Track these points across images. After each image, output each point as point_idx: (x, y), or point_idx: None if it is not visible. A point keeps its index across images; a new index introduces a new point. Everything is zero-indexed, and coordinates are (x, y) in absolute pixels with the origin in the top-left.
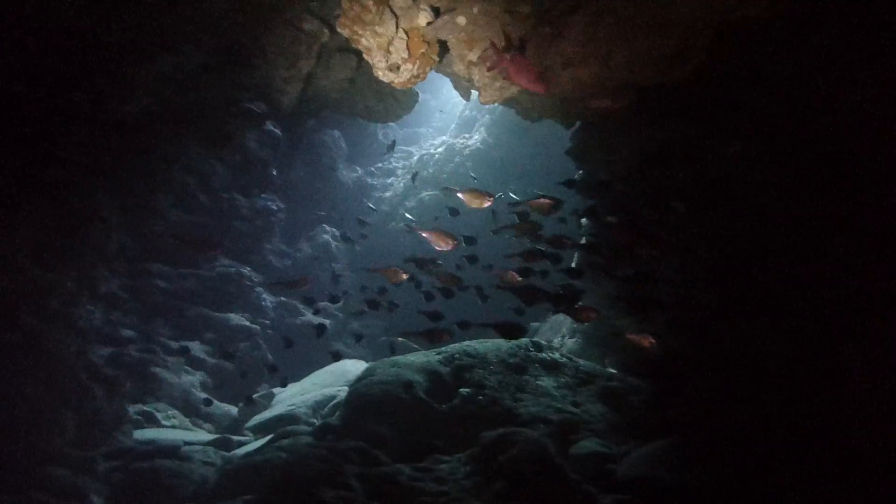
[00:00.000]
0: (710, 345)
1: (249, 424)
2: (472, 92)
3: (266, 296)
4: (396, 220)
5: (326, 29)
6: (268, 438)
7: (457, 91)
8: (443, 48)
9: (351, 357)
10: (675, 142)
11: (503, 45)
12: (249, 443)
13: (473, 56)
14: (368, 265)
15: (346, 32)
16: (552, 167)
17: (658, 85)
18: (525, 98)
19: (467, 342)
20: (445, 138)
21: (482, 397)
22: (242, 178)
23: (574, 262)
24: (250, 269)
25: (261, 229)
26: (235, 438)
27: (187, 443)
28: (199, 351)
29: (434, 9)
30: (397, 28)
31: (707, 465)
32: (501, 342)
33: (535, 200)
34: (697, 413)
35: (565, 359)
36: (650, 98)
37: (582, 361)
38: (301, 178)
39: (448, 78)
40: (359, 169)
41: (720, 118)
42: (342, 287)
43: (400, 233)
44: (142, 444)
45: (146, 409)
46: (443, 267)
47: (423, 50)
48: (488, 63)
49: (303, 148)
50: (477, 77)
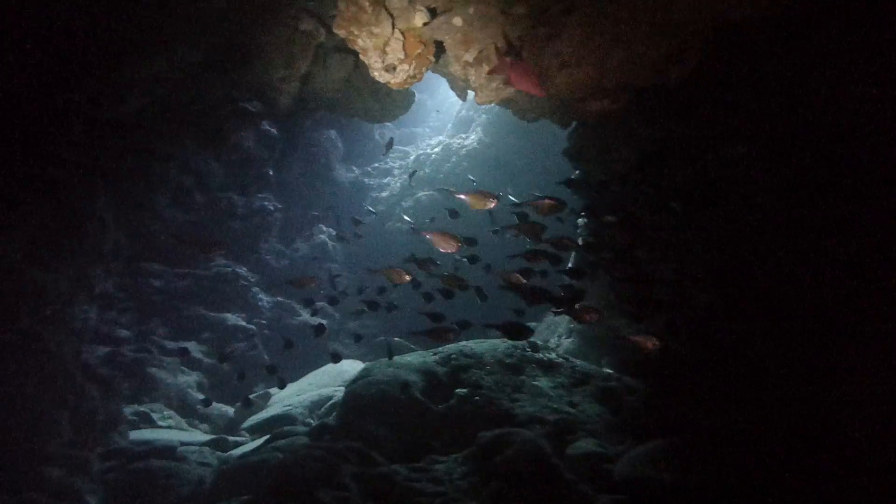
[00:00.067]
0: (708, 345)
1: (246, 425)
2: (469, 92)
3: (262, 296)
4: (393, 221)
5: (323, 29)
6: (264, 439)
7: (453, 91)
8: (439, 49)
9: (348, 357)
10: (673, 142)
11: (504, 50)
12: (246, 443)
13: (470, 57)
14: (365, 265)
15: (343, 33)
16: (549, 167)
17: (655, 86)
18: (521, 98)
19: (464, 342)
20: (442, 138)
21: (479, 398)
22: (239, 178)
23: (571, 263)
24: (247, 269)
25: (257, 229)
26: (232, 439)
27: (183, 443)
28: (196, 351)
29: (430, 10)
30: (393, 29)
31: (703, 466)
32: (498, 342)
33: (538, 201)
34: (694, 413)
35: (562, 359)
36: (647, 99)
37: (578, 362)
38: (298, 178)
39: (445, 78)
40: (355, 169)
41: (718, 119)
42: (339, 287)
43: (397, 233)
44: (137, 445)
45: (142, 410)
46: (441, 267)
47: (420, 50)
48: (490, 67)
49: (299, 148)
50: (473, 77)
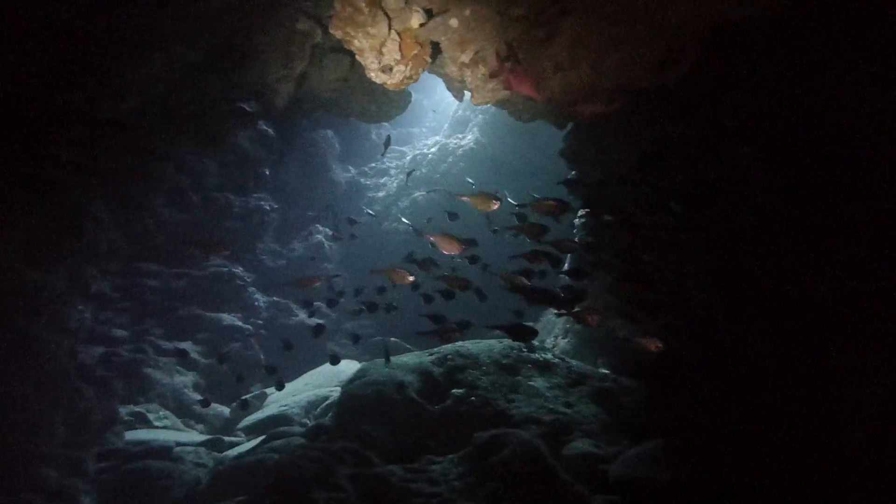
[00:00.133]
0: (706, 345)
1: (242, 425)
2: (465, 92)
3: (259, 296)
4: (390, 221)
5: (320, 29)
6: (260, 439)
7: (450, 92)
8: (435, 49)
9: (344, 357)
10: (672, 142)
11: (504, 56)
12: (242, 444)
13: (466, 58)
14: (362, 265)
15: (339, 34)
16: (546, 167)
17: (652, 87)
18: (517, 99)
19: (460, 343)
20: (439, 138)
21: (475, 398)
22: (235, 178)
23: (568, 263)
24: (243, 269)
25: (254, 229)
26: (228, 439)
27: (179, 444)
28: (192, 351)
29: (427, 11)
30: (390, 29)
31: (700, 466)
32: (494, 343)
33: (541, 202)
34: (691, 414)
35: (558, 359)
36: (644, 100)
37: (574, 362)
38: (294, 178)
39: (441, 79)
40: (352, 169)
41: (717, 119)
42: (337, 288)
43: (394, 233)
44: (133, 445)
45: (138, 410)
46: (441, 267)
47: (416, 51)
48: (486, 69)
49: (296, 147)
50: (469, 79)
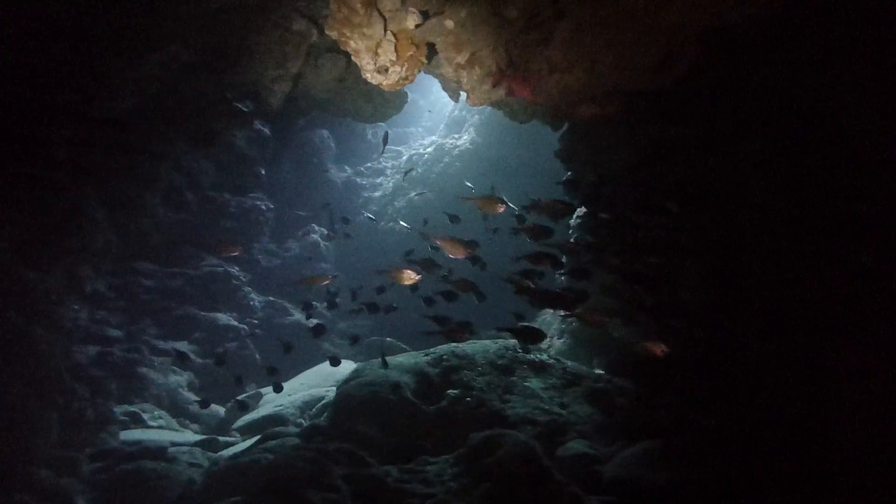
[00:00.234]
0: (703, 345)
1: (237, 425)
2: (461, 93)
3: (254, 295)
4: (386, 220)
5: (315, 29)
6: (255, 439)
7: (445, 92)
8: (431, 50)
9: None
10: (670, 142)
11: (505, 63)
12: (236, 444)
13: (461, 59)
14: (357, 265)
15: (335, 34)
16: (542, 167)
17: (649, 89)
18: (513, 100)
19: (455, 343)
20: (435, 138)
21: (470, 399)
22: (231, 177)
23: (565, 262)
24: (238, 269)
25: (249, 228)
26: (223, 439)
27: (174, 444)
28: (187, 351)
29: (422, 12)
30: (385, 30)
31: (695, 467)
32: (489, 343)
33: (549, 203)
34: (687, 414)
35: (553, 360)
36: (640, 101)
37: (570, 363)
38: (290, 178)
39: (437, 79)
40: (348, 168)
41: (716, 119)
42: (333, 288)
43: (390, 232)
44: (128, 445)
45: (132, 410)
46: (441, 268)
47: (412, 52)
48: (492, 79)
49: (292, 147)
50: (465, 79)
